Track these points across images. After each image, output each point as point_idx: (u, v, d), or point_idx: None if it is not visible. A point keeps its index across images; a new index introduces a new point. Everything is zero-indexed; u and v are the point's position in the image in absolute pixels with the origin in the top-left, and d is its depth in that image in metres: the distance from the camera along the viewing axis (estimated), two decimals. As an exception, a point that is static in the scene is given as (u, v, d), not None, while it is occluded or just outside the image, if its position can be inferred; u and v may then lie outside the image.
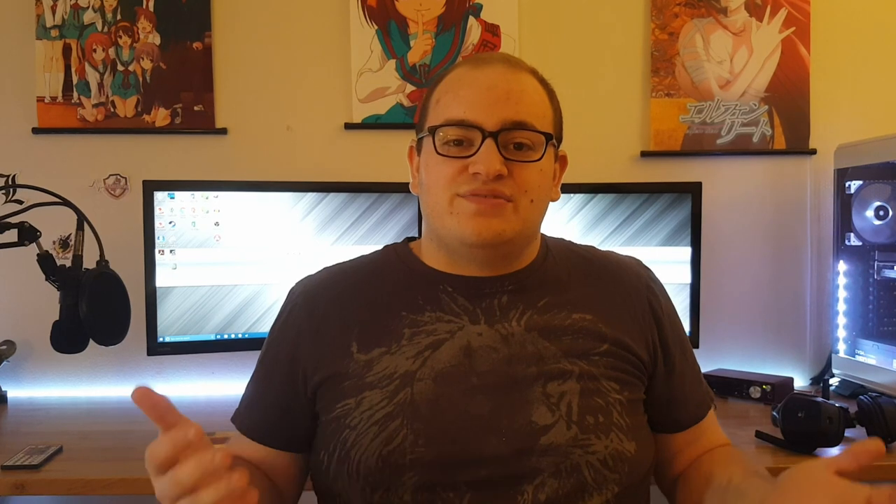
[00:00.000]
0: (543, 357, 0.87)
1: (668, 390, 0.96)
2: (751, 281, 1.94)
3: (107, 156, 1.86)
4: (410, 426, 0.83)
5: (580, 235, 1.67)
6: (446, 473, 0.82)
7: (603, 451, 0.84)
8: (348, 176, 1.78)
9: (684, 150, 1.91)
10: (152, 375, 1.86)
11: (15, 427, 1.61)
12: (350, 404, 0.87)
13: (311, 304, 0.95)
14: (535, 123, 0.88)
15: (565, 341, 0.89)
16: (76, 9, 1.83)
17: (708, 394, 1.02)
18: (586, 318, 0.91)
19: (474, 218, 0.86)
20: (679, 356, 0.98)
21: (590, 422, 0.85)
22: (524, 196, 0.87)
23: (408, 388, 0.85)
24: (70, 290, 1.26)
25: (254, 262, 1.63)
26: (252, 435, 0.95)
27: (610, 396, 0.87)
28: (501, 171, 0.85)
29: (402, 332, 0.89)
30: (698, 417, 0.99)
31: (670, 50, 1.90)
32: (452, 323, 0.89)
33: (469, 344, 0.88)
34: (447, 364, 0.87)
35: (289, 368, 0.92)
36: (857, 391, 1.67)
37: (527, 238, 0.93)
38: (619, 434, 0.86)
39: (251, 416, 0.96)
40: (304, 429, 0.92)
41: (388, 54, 1.88)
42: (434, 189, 0.89)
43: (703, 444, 0.99)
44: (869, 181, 1.72)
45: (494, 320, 0.90)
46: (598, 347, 0.90)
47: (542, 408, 0.85)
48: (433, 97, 0.92)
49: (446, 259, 0.93)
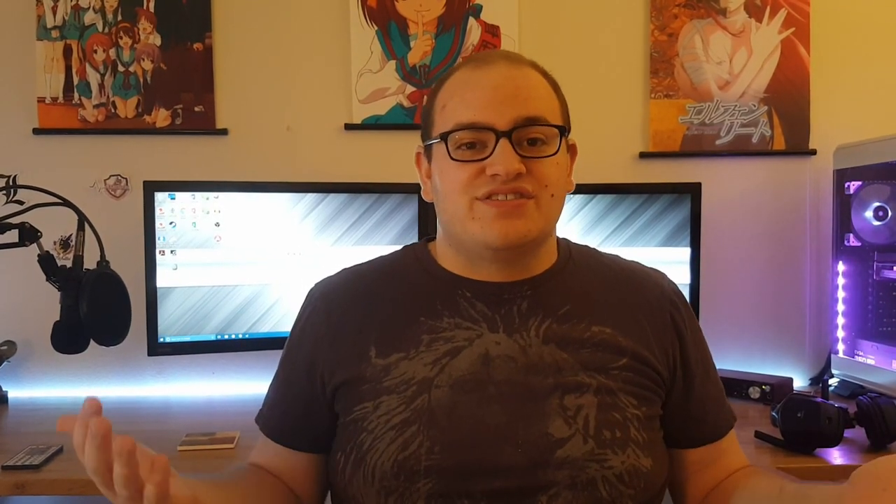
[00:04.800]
0: (561, 369, 0.87)
1: (687, 406, 0.94)
2: (750, 281, 1.94)
3: (107, 156, 1.87)
4: (427, 433, 0.83)
5: (580, 236, 1.67)
6: (461, 482, 0.82)
7: (619, 467, 0.83)
8: (348, 176, 1.78)
9: (683, 151, 1.91)
10: (153, 375, 1.86)
11: (15, 427, 1.61)
12: (368, 408, 0.87)
13: (329, 306, 0.95)
14: (547, 117, 0.87)
15: (584, 354, 0.88)
16: (77, 10, 1.84)
17: (729, 413, 0.99)
18: (606, 331, 0.90)
19: (497, 221, 0.85)
20: (701, 374, 0.96)
21: (606, 436, 0.84)
22: (545, 191, 0.87)
23: (425, 395, 0.85)
24: (71, 291, 1.26)
25: (254, 262, 1.64)
26: (274, 436, 0.95)
27: (627, 411, 0.86)
28: (520, 169, 0.84)
29: (420, 337, 0.89)
30: (717, 436, 0.96)
31: (669, 51, 1.91)
32: (471, 330, 0.89)
33: (487, 352, 0.87)
34: (465, 372, 0.86)
35: (308, 371, 0.92)
36: (856, 392, 1.67)
37: (547, 235, 0.92)
38: (635, 449, 0.85)
39: (272, 418, 0.96)
40: (324, 430, 0.92)
41: (388, 55, 1.88)
42: (452, 195, 0.87)
43: (722, 466, 0.96)
44: (868, 182, 1.72)
45: (513, 329, 0.89)
46: (617, 361, 0.89)
47: (558, 420, 0.84)
48: (437, 103, 0.91)
49: (465, 263, 0.93)
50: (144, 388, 1.86)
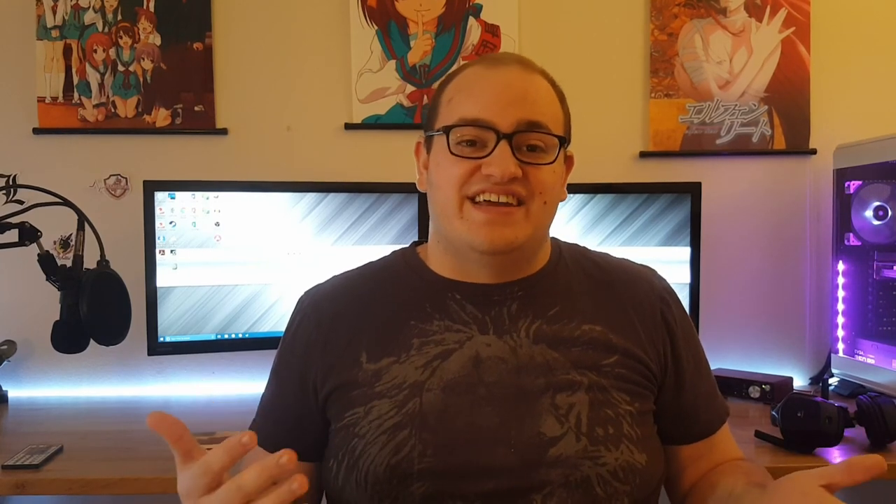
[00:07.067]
0: (552, 368, 0.87)
1: (679, 402, 0.95)
2: (750, 281, 1.94)
3: (107, 156, 1.87)
4: (419, 436, 0.83)
5: (579, 236, 1.67)
6: (454, 484, 0.82)
7: (613, 463, 0.83)
8: (348, 176, 1.78)
9: (684, 151, 1.91)
10: (153, 375, 1.86)
11: (15, 427, 1.61)
12: (359, 413, 0.87)
13: (319, 314, 0.95)
14: (550, 125, 0.87)
15: (574, 352, 0.88)
16: (77, 9, 1.84)
17: (722, 408, 0.99)
18: (596, 329, 0.90)
19: (485, 227, 0.85)
20: (692, 369, 0.96)
21: (599, 434, 0.84)
22: (538, 198, 0.87)
23: (416, 398, 0.85)
24: (71, 290, 1.26)
25: (254, 262, 1.64)
26: (267, 446, 0.94)
27: (620, 408, 0.87)
28: (516, 173, 0.84)
29: (410, 341, 0.89)
30: (709, 431, 0.97)
31: (669, 50, 1.91)
32: (461, 333, 0.89)
33: (478, 354, 0.87)
34: (456, 374, 0.86)
35: (299, 379, 0.92)
36: (856, 391, 1.67)
37: (538, 241, 0.92)
38: (629, 446, 0.85)
39: (266, 426, 0.96)
40: (318, 437, 0.92)
41: (388, 55, 1.88)
42: (444, 189, 0.88)
43: (714, 458, 0.96)
44: (868, 181, 1.72)
45: (503, 330, 0.89)
46: (608, 358, 0.89)
47: (550, 419, 0.84)
48: (445, 95, 0.91)
49: (454, 264, 0.93)
50: (144, 388, 1.86)
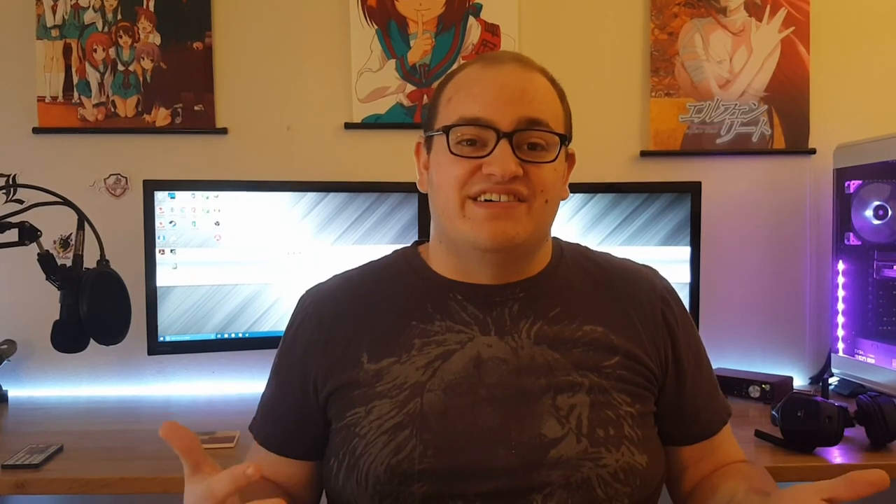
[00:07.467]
0: (553, 369, 0.87)
1: (679, 403, 0.94)
2: (750, 280, 1.94)
3: (107, 155, 1.87)
4: (420, 437, 0.83)
5: (580, 235, 1.67)
6: (455, 484, 0.82)
7: (614, 465, 0.83)
8: (348, 176, 1.78)
9: (684, 150, 1.91)
10: (153, 375, 1.86)
11: (15, 426, 1.62)
12: (360, 413, 0.87)
13: (320, 313, 0.95)
14: (550, 122, 0.87)
15: (575, 353, 0.88)
16: (76, 9, 1.84)
17: (723, 409, 0.99)
18: (597, 330, 0.90)
19: (487, 222, 0.85)
20: (693, 370, 0.96)
21: (600, 435, 0.84)
22: (540, 196, 0.87)
23: (417, 399, 0.85)
24: (70, 290, 1.26)
25: (254, 261, 1.64)
26: (268, 445, 0.95)
27: (621, 409, 0.86)
28: (517, 172, 0.84)
29: (412, 342, 0.89)
30: (711, 432, 0.97)
31: (670, 50, 1.91)
32: (463, 333, 0.89)
33: (479, 355, 0.87)
34: (457, 375, 0.86)
35: (300, 379, 0.92)
36: (856, 390, 1.67)
37: (539, 240, 0.92)
38: (630, 447, 0.85)
39: (266, 426, 0.96)
40: (318, 437, 0.92)
41: (388, 54, 1.88)
42: (445, 189, 0.88)
43: (715, 460, 0.96)
44: (868, 181, 1.72)
45: (504, 331, 0.89)
46: (609, 359, 0.89)
47: (551, 420, 0.84)
48: (444, 95, 0.91)
49: (456, 265, 0.93)
50: (144, 388, 1.86)
